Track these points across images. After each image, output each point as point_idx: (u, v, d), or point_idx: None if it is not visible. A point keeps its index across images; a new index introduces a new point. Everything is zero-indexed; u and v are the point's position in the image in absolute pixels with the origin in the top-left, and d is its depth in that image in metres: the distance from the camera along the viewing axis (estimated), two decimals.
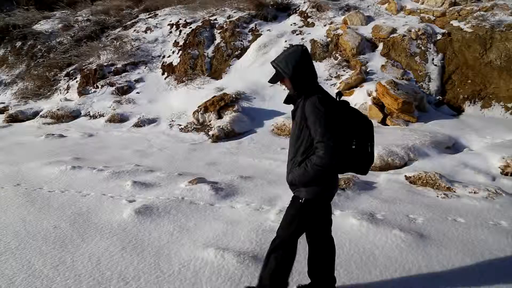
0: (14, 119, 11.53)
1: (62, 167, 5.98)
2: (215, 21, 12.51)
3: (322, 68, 9.69)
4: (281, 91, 9.16)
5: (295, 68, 2.41)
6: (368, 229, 3.76)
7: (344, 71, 9.53)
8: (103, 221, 4.08)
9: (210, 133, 7.87)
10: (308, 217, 2.55)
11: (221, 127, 7.81)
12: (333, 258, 2.76)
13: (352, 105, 2.57)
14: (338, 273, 3.07)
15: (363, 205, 4.38)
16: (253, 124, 8.26)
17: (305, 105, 2.39)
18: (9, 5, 21.92)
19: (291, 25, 11.53)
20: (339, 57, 9.91)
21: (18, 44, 18.06)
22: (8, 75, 16.60)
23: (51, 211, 4.41)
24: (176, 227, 3.89)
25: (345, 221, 3.93)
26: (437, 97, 8.63)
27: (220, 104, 8.53)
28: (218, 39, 11.76)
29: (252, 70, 10.28)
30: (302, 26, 11.35)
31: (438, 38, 9.38)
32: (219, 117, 8.46)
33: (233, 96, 8.79)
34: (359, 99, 8.31)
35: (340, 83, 9.02)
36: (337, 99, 2.49)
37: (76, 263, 3.29)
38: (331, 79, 9.43)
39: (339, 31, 10.25)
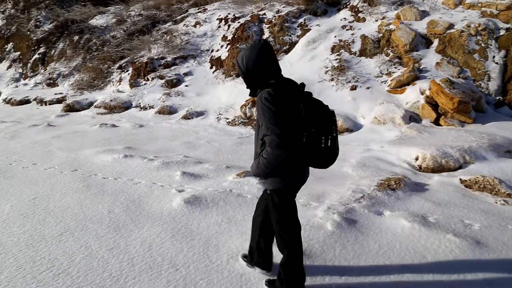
0: (71, 108, 12.15)
1: (115, 155, 6.24)
2: (264, 16, 12.51)
3: (372, 65, 9.44)
4: (330, 87, 9.03)
5: (247, 65, 2.46)
6: (420, 232, 3.62)
7: (395, 68, 9.22)
8: (153, 209, 4.21)
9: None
10: (281, 205, 2.61)
11: None
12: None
13: (403, 103, 2.47)
14: (389, 274, 2.99)
15: (415, 207, 4.23)
16: None
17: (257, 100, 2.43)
18: (68, 2, 23.03)
19: (341, 20, 11.29)
20: (391, 54, 9.60)
21: (76, 38, 18.98)
22: (66, 67, 17.50)
23: (105, 197, 4.62)
24: (224, 219, 3.93)
25: (396, 222, 3.81)
26: (497, 98, 8.14)
27: None
28: (266, 34, 11.76)
29: (300, 66, 10.19)
30: (353, 21, 11.09)
31: (501, 33, 8.83)
32: None
33: None
34: (411, 97, 8.02)
35: (391, 80, 8.74)
36: (303, 91, 2.50)
37: (129, 247, 3.42)
38: (381, 76, 9.15)
39: (392, 27, 9.92)
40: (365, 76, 9.15)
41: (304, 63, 10.27)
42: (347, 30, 10.76)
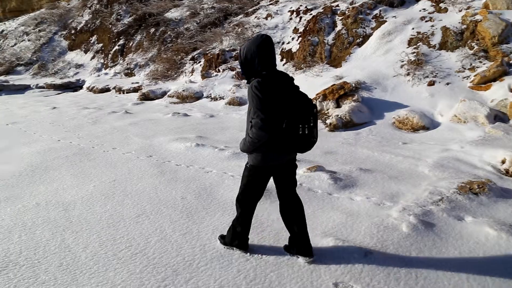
0: (146, 97, 12.78)
1: (187, 143, 6.44)
2: (337, 8, 12.18)
3: (453, 59, 8.81)
4: (405, 82, 8.59)
5: (246, 55, 2.78)
6: (509, 242, 3.30)
7: (480, 62, 8.51)
8: (224, 198, 4.27)
9: (328, 121, 7.71)
10: (254, 179, 2.96)
11: (339, 116, 7.60)
12: (303, 211, 3.13)
13: (488, 101, 2.31)
14: (470, 285, 2.76)
15: (501, 215, 3.87)
16: (373, 116, 7.88)
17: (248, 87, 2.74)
18: None
19: (420, 11, 10.65)
20: (475, 47, 8.87)
21: (152, 30, 19.87)
22: (142, 58, 18.43)
23: (178, 183, 4.78)
24: None
25: (479, 230, 3.51)
26: None
27: (340, 93, 8.30)
28: (339, 26, 11.44)
29: (373, 59, 9.79)
30: (433, 12, 10.41)
31: None
32: (338, 106, 8.25)
33: (353, 85, 8.48)
34: (497, 94, 7.36)
35: (475, 75, 8.07)
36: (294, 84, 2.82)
37: (201, 234, 3.50)
38: (463, 71, 8.50)
39: (478, 17, 9.16)
40: (444, 71, 8.56)
41: (378, 56, 9.85)
42: (426, 21, 10.13)
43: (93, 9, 26.91)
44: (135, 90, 14.65)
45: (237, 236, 3.15)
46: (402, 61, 9.11)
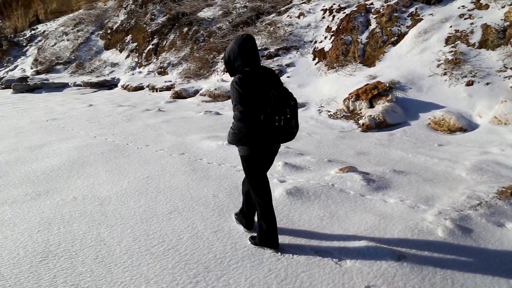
0: (179, 95, 12.99)
1: (219, 142, 6.49)
2: (371, 6, 11.95)
3: (494, 58, 8.45)
4: (441, 82, 8.33)
5: (229, 55, 2.99)
6: None
7: None
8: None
9: (360, 121, 7.58)
10: (249, 166, 3.14)
11: (372, 116, 7.46)
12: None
13: None
14: None
15: None
16: (407, 116, 7.69)
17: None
18: None
19: (459, 8, 10.27)
20: None
21: (185, 30, 20.16)
22: (175, 57, 18.73)
23: (210, 181, 4.82)
24: (326, 213, 3.84)
25: None
26: None
27: (373, 92, 8.14)
28: (373, 25, 11.22)
29: (408, 58, 9.55)
30: (473, 9, 10.01)
31: None
32: (371, 106, 8.09)
33: (387, 85, 8.30)
34: None
35: None
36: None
37: (233, 232, 3.51)
38: (505, 71, 8.14)
39: None
40: (484, 70, 8.23)
41: (413, 55, 9.60)
42: (465, 19, 9.77)
43: (128, 9, 27.59)
44: (168, 88, 14.91)
45: (266, 234, 3.17)
46: (439, 60, 8.83)
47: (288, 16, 15.10)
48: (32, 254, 3.25)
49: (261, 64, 3.11)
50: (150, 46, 21.77)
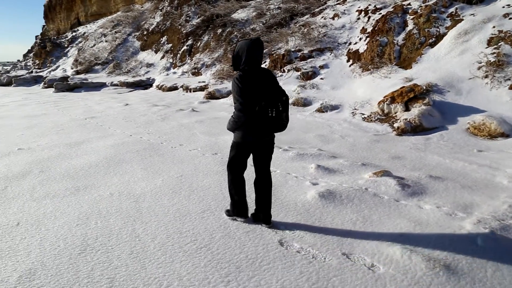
0: (212, 96, 13.14)
1: None
2: (409, 6, 11.67)
3: None
4: (482, 85, 8.03)
5: (238, 52, 3.37)
6: None
7: None
8: (288, 199, 4.26)
9: (395, 125, 7.42)
10: (237, 152, 3.58)
11: (408, 120, 7.28)
12: (270, 189, 3.70)
13: None
14: None
15: None
16: (444, 120, 7.45)
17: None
18: None
19: (504, 7, 9.86)
20: None
21: (219, 31, 20.38)
22: (209, 58, 18.97)
23: None
24: (359, 217, 3.78)
25: None
26: None
27: (409, 95, 7.95)
28: (410, 26, 10.95)
29: (447, 60, 9.26)
30: None
31: None
32: (406, 109, 7.90)
33: (424, 88, 8.07)
34: None
35: None
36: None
37: (264, 233, 3.52)
38: None
39: None
40: None
41: (452, 57, 9.30)
42: (510, 18, 9.37)
43: (164, 11, 28.20)
44: (202, 89, 15.11)
45: (236, 205, 3.74)
46: (480, 63, 8.52)
47: (322, 17, 14.99)
48: (71, 246, 3.37)
49: (262, 66, 3.71)
50: (185, 47, 22.16)
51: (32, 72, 33.21)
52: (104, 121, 9.84)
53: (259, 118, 3.29)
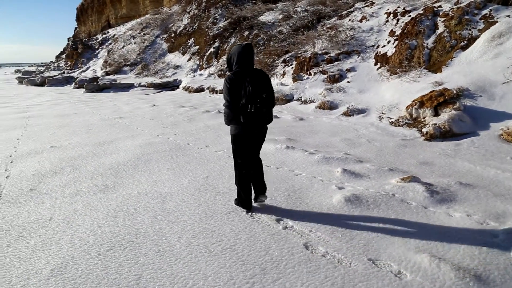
0: None
1: (277, 145, 6.52)
2: (439, 8, 11.40)
3: None
4: None
5: (231, 56, 3.90)
6: None
7: None
8: (313, 202, 4.24)
9: (424, 130, 7.26)
10: (237, 144, 4.01)
11: (437, 125, 7.11)
12: (261, 169, 4.20)
13: None
14: None
15: None
16: (476, 126, 7.23)
17: None
18: (241, 0, 25.06)
19: None
20: None
21: (246, 33, 20.49)
22: None
23: (268, 184, 4.79)
24: (386, 223, 3.72)
25: None
26: None
27: (439, 100, 7.76)
28: (441, 28, 10.69)
29: (480, 64, 8.98)
30: None
31: None
32: (436, 114, 7.72)
33: (455, 92, 7.87)
34: None
35: None
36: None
37: (290, 236, 3.51)
38: None
39: None
40: None
41: (485, 61, 9.01)
42: None
43: (191, 14, 28.57)
44: None
45: (241, 200, 4.14)
46: None
47: (350, 19, 14.84)
48: (100, 243, 3.46)
49: (255, 67, 4.02)
50: (211, 49, 22.37)
51: (64, 72, 34.28)
52: (132, 121, 10.06)
53: (242, 113, 3.74)
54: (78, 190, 4.87)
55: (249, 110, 3.69)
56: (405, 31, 11.41)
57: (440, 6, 11.47)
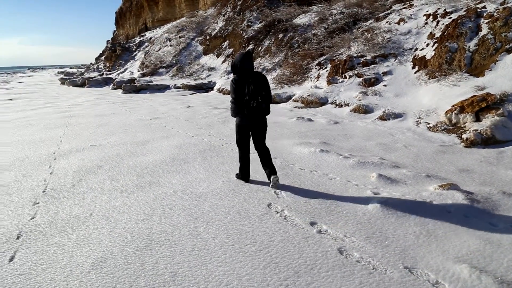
0: (273, 101, 13.23)
1: (312, 148, 6.48)
2: (483, 9, 10.97)
3: None
4: None
5: (235, 61, 4.69)
6: None
7: None
8: (348, 207, 4.19)
9: (464, 136, 7.01)
10: (239, 132, 4.90)
11: (478, 131, 6.85)
12: (269, 156, 4.95)
13: None
14: None
15: None
16: None
17: None
18: (276, 3, 25.07)
19: None
20: None
21: (280, 36, 20.48)
22: (270, 63, 19.12)
23: (302, 187, 4.83)
24: (423, 231, 3.62)
25: None
26: None
27: (481, 105, 7.47)
28: (484, 30, 10.28)
29: None
30: None
31: None
32: (477, 119, 7.44)
33: (498, 97, 7.55)
34: None
35: None
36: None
37: (324, 240, 3.48)
38: None
39: None
40: None
41: None
42: None
43: (226, 16, 28.86)
44: None
45: (242, 174, 5.14)
46: None
47: (387, 22, 14.57)
48: (138, 239, 3.56)
49: (256, 70, 4.95)
50: None
51: (103, 74, 35.48)
52: (167, 122, 10.28)
53: (245, 107, 4.58)
54: (117, 188, 5.03)
55: (252, 105, 4.53)
56: (445, 34, 11.07)
57: (484, 7, 11.05)
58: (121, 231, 3.75)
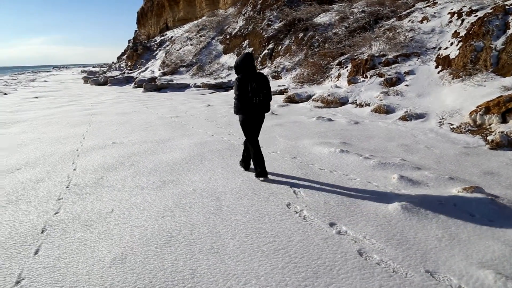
0: (291, 100, 13.18)
1: (332, 149, 6.43)
2: (511, 7, 10.66)
3: None
4: None
5: (237, 62, 5.04)
6: None
7: None
8: (368, 208, 4.14)
9: (489, 138, 6.82)
10: (244, 127, 5.22)
11: (505, 133, 6.66)
12: (259, 150, 5.28)
13: None
14: None
15: None
16: None
17: None
18: (296, 2, 24.97)
19: None
20: None
21: (300, 35, 20.39)
22: (290, 62, 19.05)
23: (321, 187, 4.80)
24: (446, 235, 3.55)
25: None
26: None
27: (508, 106, 7.25)
28: None
29: None
30: None
31: None
32: (504, 121, 7.23)
33: None
34: None
35: None
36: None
37: (343, 241, 3.45)
38: None
39: None
40: None
41: None
42: None
43: (246, 16, 28.90)
44: (281, 92, 15.23)
45: (245, 162, 5.67)
46: None
47: (409, 20, 14.31)
48: (157, 236, 3.61)
49: (258, 70, 5.01)
50: (266, 51, 22.50)
51: (124, 73, 36.02)
52: (187, 121, 10.36)
53: (248, 104, 4.93)
54: (137, 185, 5.10)
55: (254, 102, 4.86)
56: (470, 32, 10.80)
57: None
58: (141, 228, 3.80)
